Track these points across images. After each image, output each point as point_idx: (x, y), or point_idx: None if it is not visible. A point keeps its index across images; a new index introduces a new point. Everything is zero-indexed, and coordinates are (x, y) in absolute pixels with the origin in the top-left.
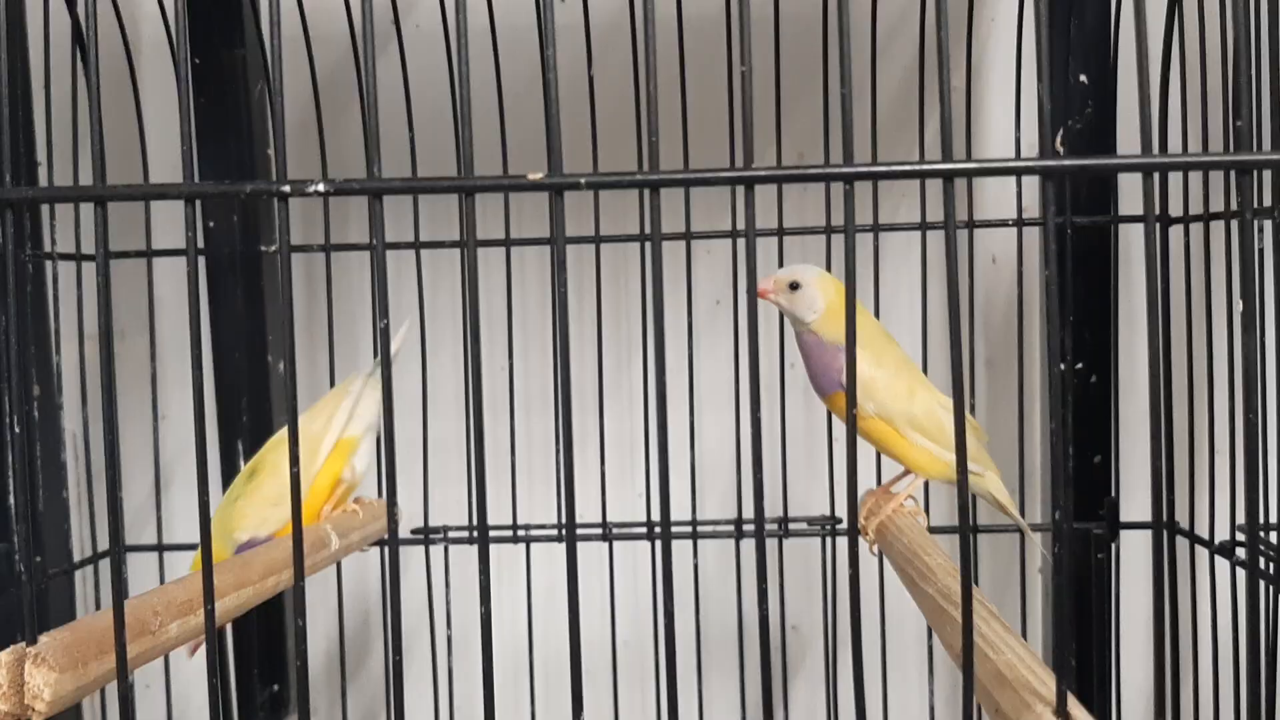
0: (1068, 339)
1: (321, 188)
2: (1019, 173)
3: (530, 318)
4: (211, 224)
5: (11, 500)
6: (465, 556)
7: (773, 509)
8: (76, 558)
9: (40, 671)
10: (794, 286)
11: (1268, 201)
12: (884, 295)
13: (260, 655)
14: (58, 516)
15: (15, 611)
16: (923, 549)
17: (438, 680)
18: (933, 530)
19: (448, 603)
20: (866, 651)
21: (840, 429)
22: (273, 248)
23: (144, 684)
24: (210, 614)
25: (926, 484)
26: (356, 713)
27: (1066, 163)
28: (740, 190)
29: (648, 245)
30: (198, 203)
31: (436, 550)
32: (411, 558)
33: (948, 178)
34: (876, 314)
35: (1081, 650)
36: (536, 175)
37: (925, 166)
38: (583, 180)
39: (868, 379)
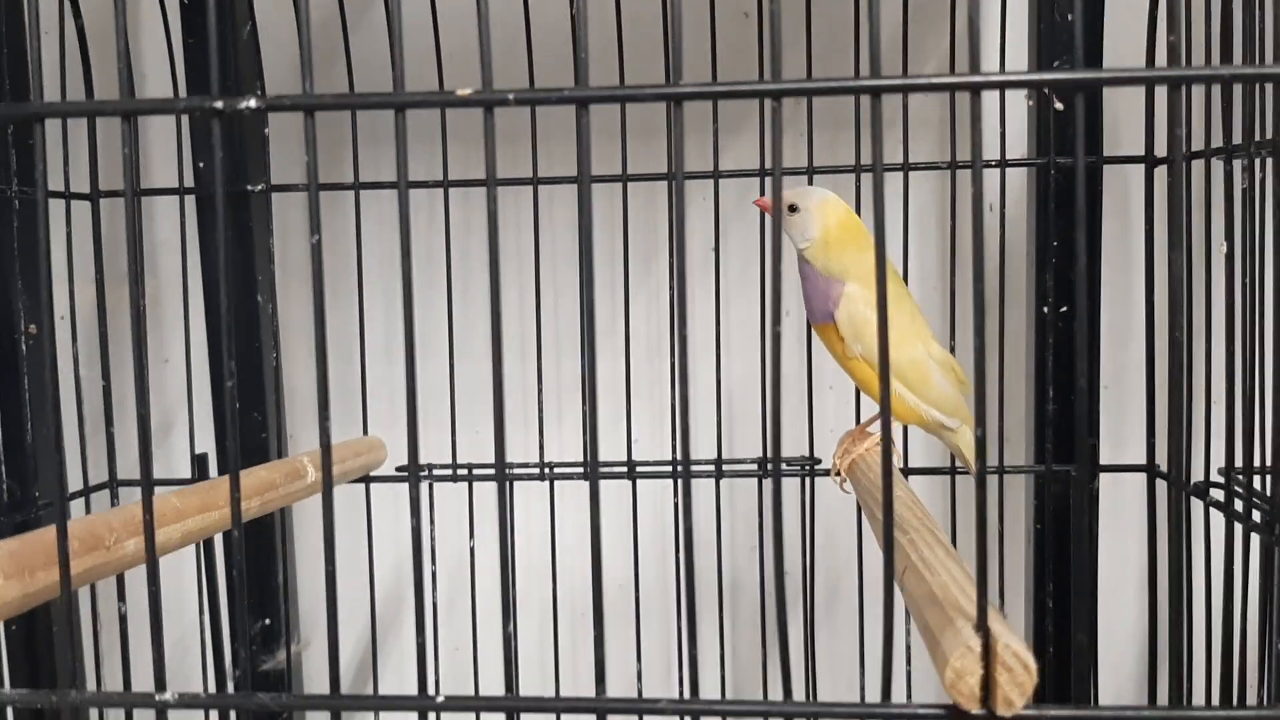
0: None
1: (254, 104)
2: (1149, 82)
3: (560, 257)
4: (200, 164)
5: None
6: (484, 493)
7: (753, 450)
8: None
9: None
10: (792, 209)
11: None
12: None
13: (251, 590)
14: (51, 450)
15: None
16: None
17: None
18: (917, 472)
19: (472, 541)
20: (846, 592)
21: (820, 370)
22: (259, 187)
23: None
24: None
25: (905, 426)
26: (350, 647)
27: (1196, 72)
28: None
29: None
30: (135, 119)
31: (452, 488)
32: (403, 495)
33: (1001, 89)
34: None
35: (1061, 592)
36: (466, 91)
37: (978, 79)
38: (511, 96)
39: (860, 319)
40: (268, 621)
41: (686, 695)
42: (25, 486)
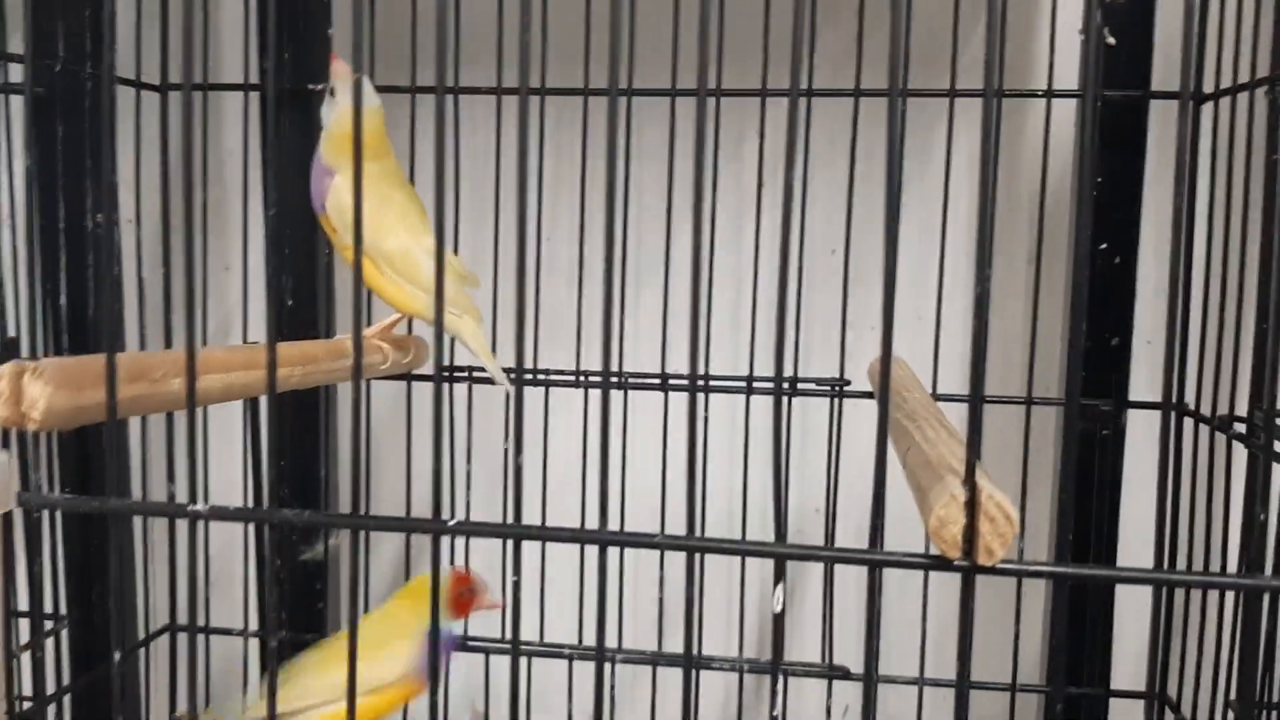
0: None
1: None
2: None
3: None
4: (266, 67)
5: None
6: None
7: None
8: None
9: (37, 384)
10: (331, 92)
11: None
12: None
13: (293, 481)
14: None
15: None
16: (909, 391)
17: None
18: (942, 399)
19: (518, 433)
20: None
21: (855, 287)
22: (320, 86)
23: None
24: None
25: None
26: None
27: None
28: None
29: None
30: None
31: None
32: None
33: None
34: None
35: (1082, 523)
36: None
37: None
38: None
39: (343, 207)
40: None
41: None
42: None
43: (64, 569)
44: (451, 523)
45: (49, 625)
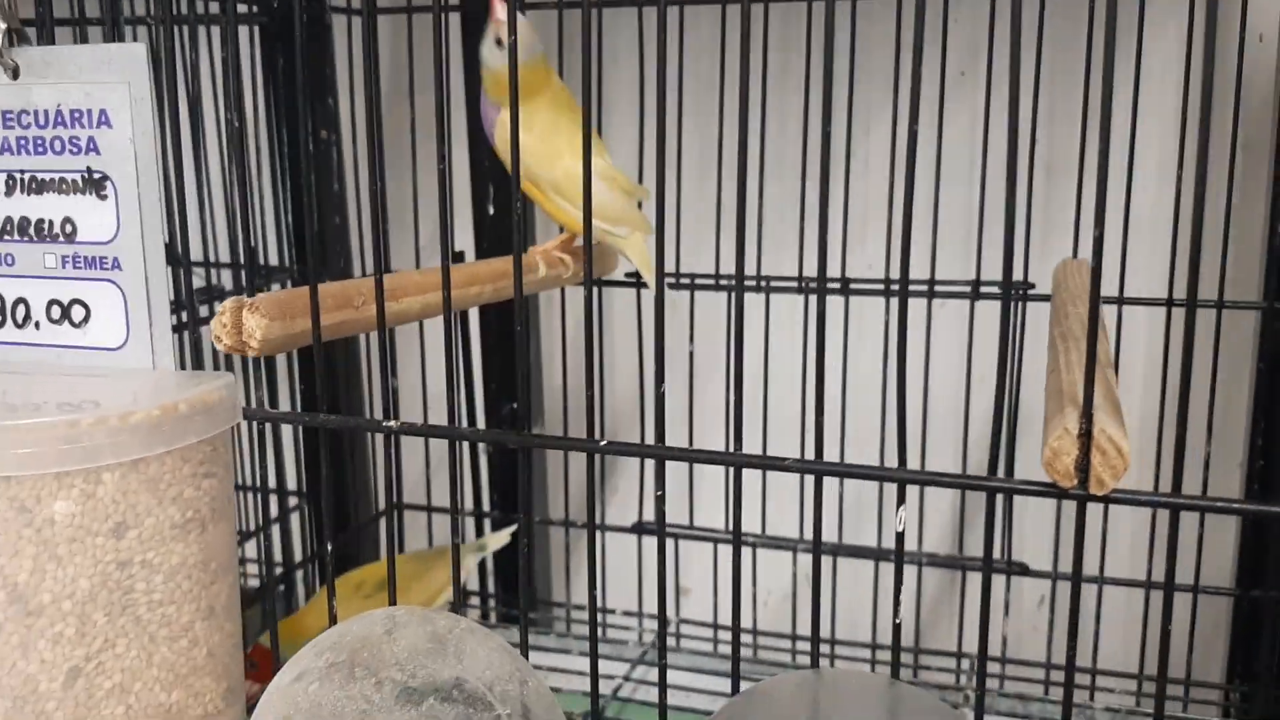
0: None
1: None
2: None
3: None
4: None
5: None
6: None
7: (966, 272)
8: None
9: (254, 317)
10: (498, 42)
11: None
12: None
13: (501, 378)
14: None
15: None
16: (1074, 305)
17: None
18: (1129, 302)
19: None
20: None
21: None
22: None
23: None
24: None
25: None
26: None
27: None
28: None
29: None
30: None
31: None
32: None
33: None
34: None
35: (1272, 431)
36: None
37: None
38: None
39: (509, 142)
40: (514, 406)
41: (810, 456)
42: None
43: (305, 460)
44: (603, 443)
45: (294, 502)
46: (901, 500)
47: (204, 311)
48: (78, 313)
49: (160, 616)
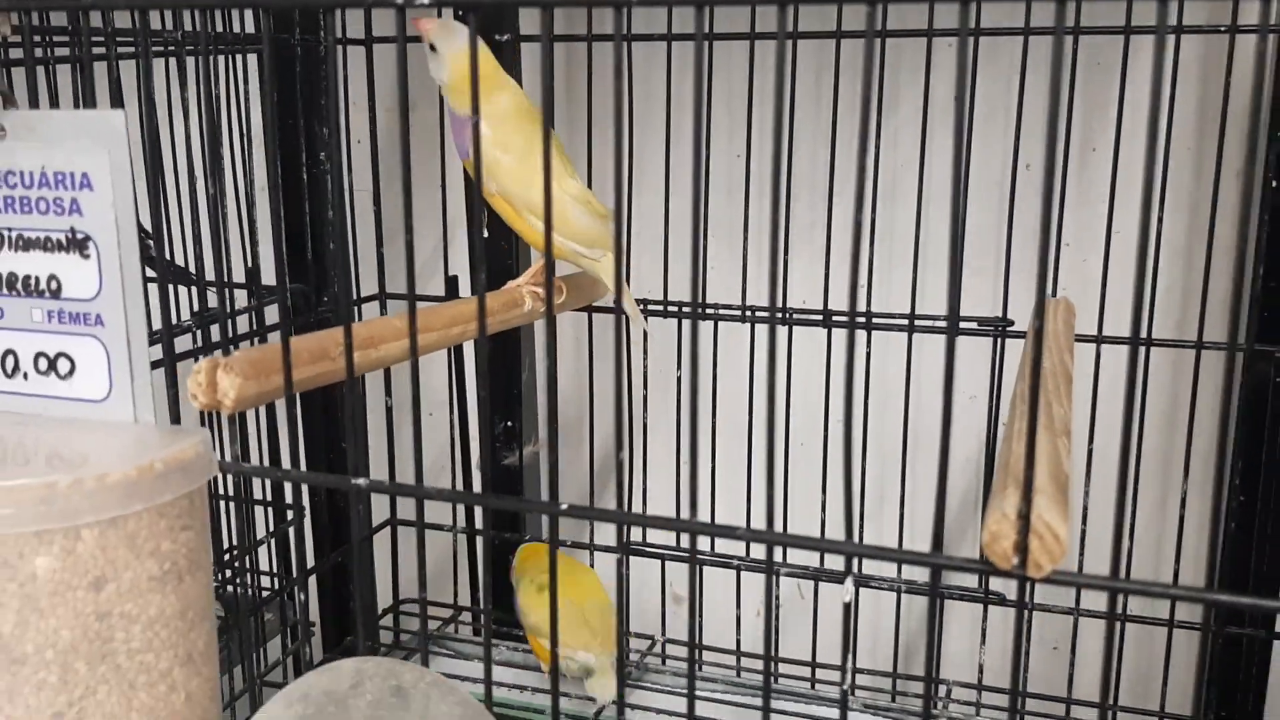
0: None
1: None
2: None
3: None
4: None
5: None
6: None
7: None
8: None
9: (228, 377)
10: (432, 48)
11: None
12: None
13: (496, 396)
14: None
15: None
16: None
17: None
18: (1107, 341)
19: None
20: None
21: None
22: (504, 37)
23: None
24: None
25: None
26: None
27: None
28: None
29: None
30: None
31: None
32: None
33: None
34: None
35: (1250, 471)
36: None
37: None
38: None
39: (491, 160)
40: (509, 423)
41: (762, 526)
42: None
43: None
44: (564, 507)
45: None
46: (848, 572)
47: (200, 336)
48: (64, 365)
49: (139, 664)
